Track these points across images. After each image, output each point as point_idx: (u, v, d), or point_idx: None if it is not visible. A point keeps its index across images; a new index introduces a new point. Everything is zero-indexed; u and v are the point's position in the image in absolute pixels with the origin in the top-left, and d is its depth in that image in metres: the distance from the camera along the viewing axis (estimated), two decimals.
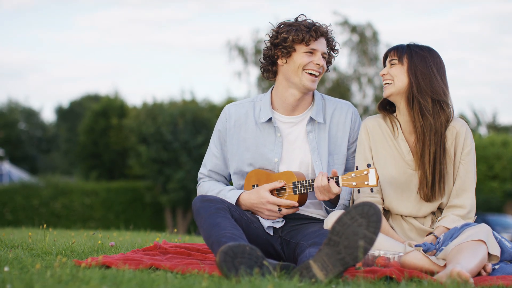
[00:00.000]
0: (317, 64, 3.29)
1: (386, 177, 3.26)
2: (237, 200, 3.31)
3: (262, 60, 3.40)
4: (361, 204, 2.67)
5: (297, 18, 3.35)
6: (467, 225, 3.05)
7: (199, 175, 3.53)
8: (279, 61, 3.33)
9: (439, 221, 3.20)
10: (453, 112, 3.23)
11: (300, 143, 3.35)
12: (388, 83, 3.24)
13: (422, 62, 3.19)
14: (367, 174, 3.05)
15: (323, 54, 3.32)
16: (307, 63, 3.28)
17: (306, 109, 3.39)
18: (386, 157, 3.26)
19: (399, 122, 3.27)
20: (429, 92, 3.17)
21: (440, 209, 3.28)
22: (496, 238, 3.03)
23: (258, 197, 3.25)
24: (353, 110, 3.45)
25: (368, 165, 3.04)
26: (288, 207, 3.25)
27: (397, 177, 3.24)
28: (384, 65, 3.32)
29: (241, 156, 3.38)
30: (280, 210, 3.24)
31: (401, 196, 3.25)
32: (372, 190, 3.11)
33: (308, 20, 3.32)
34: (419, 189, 3.21)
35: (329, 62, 3.38)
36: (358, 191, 3.21)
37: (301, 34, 3.26)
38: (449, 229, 3.14)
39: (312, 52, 3.29)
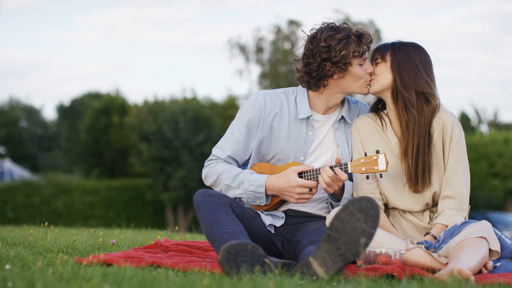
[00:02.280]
0: (369, 73, 3.29)
1: (383, 177, 3.27)
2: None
3: (303, 73, 3.28)
4: (359, 199, 2.69)
5: (338, 26, 3.24)
6: (467, 223, 3.06)
7: (212, 157, 3.39)
8: (335, 76, 3.25)
9: (436, 218, 3.21)
10: (439, 104, 3.25)
11: (328, 140, 3.36)
12: (373, 81, 3.27)
13: (405, 57, 3.24)
14: (376, 159, 3.06)
15: None
16: (364, 73, 3.26)
17: (337, 108, 3.40)
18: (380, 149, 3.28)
19: (389, 118, 3.31)
20: (412, 85, 3.21)
21: (436, 205, 3.29)
22: (496, 234, 3.04)
23: (287, 181, 3.18)
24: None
25: (377, 151, 3.06)
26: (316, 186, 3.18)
27: (390, 171, 3.26)
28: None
29: (269, 144, 3.34)
30: (310, 190, 3.18)
31: (395, 190, 3.28)
32: (381, 176, 3.13)
33: (351, 27, 3.26)
34: (407, 181, 3.24)
35: None
36: (367, 177, 3.21)
37: (358, 48, 3.20)
38: (446, 225, 3.15)
39: (363, 63, 3.27)
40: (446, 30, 56.25)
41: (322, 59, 3.21)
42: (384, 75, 3.25)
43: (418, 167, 3.20)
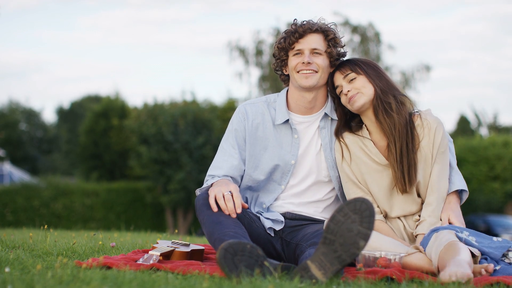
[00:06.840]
0: (303, 63, 3.28)
1: (375, 187, 3.28)
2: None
3: (276, 72, 3.48)
4: (353, 200, 2.69)
5: (296, 23, 3.34)
6: (433, 231, 3.06)
7: (208, 177, 3.35)
8: (284, 71, 3.40)
9: (416, 226, 3.24)
10: (412, 104, 3.30)
11: (315, 141, 3.36)
12: (357, 95, 3.23)
13: (371, 68, 3.29)
14: None
15: (313, 50, 3.29)
16: (295, 65, 3.30)
17: (322, 107, 3.39)
18: (367, 167, 3.28)
19: (368, 130, 3.30)
20: (388, 90, 3.25)
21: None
22: (460, 238, 3.01)
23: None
24: None
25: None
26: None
27: (381, 184, 3.27)
28: (333, 88, 3.32)
29: (258, 155, 3.36)
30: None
31: (390, 201, 3.29)
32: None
33: (296, 22, 3.33)
34: (395, 183, 3.24)
35: (330, 55, 3.31)
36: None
37: (283, 41, 3.32)
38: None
39: (299, 53, 3.30)
40: (447, 31, 56.34)
41: (273, 54, 3.43)
42: (366, 86, 3.25)
43: (404, 168, 3.21)
